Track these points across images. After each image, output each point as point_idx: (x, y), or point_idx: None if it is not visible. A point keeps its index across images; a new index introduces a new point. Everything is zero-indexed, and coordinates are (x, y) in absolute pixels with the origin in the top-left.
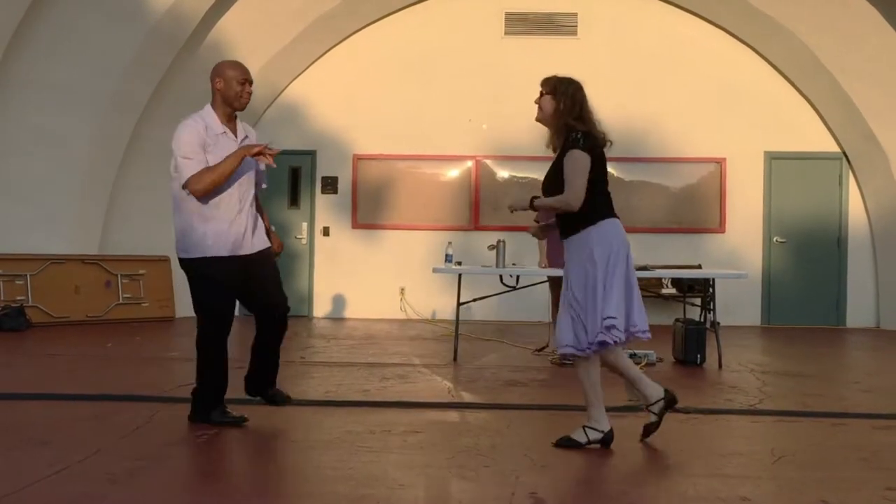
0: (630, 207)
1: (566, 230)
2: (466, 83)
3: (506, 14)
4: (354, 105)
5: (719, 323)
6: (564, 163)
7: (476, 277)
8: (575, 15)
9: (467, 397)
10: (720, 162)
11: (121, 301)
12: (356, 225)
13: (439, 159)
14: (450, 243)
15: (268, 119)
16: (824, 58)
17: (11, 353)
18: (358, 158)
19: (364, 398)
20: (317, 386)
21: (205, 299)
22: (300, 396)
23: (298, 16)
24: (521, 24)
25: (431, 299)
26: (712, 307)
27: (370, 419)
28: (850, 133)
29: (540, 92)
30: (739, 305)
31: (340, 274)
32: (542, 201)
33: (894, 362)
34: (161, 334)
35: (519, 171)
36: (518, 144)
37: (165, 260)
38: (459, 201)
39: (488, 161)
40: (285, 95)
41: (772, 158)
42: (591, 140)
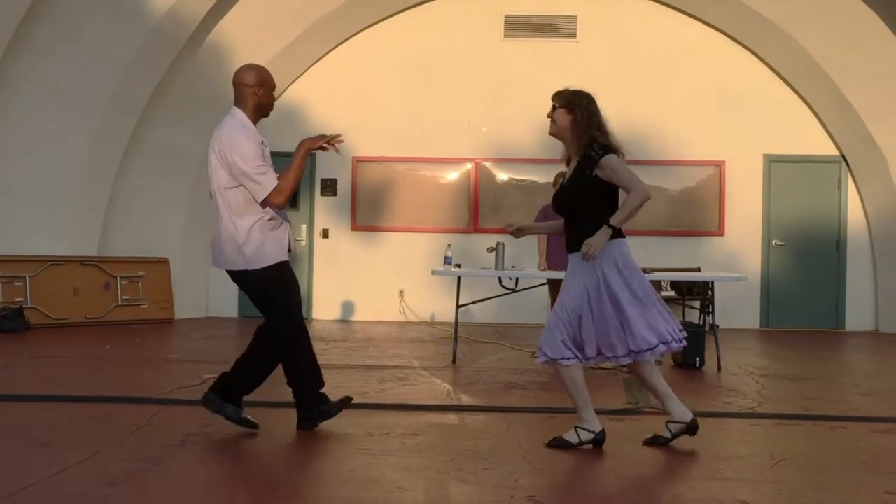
0: None
1: (573, 244)
2: (466, 85)
3: (505, 16)
4: (354, 107)
5: (718, 326)
6: (608, 170)
7: (475, 280)
8: (574, 18)
9: (466, 400)
10: (719, 165)
11: (120, 303)
12: (355, 227)
13: (439, 161)
14: (449, 245)
15: (267, 121)
16: (823, 61)
17: (10, 355)
18: (357, 160)
19: (363, 400)
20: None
21: (284, 302)
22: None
23: (298, 17)
24: (521, 27)
25: (430, 301)
26: (711, 310)
27: (369, 421)
28: (849, 136)
29: (553, 106)
30: (738, 308)
31: (339, 276)
32: (619, 215)
33: (893, 365)
34: (160, 336)
35: (518, 174)
36: (518, 147)
37: (164, 262)
38: (459, 204)
39: (488, 163)
40: (285, 97)
41: (771, 161)
42: (607, 149)
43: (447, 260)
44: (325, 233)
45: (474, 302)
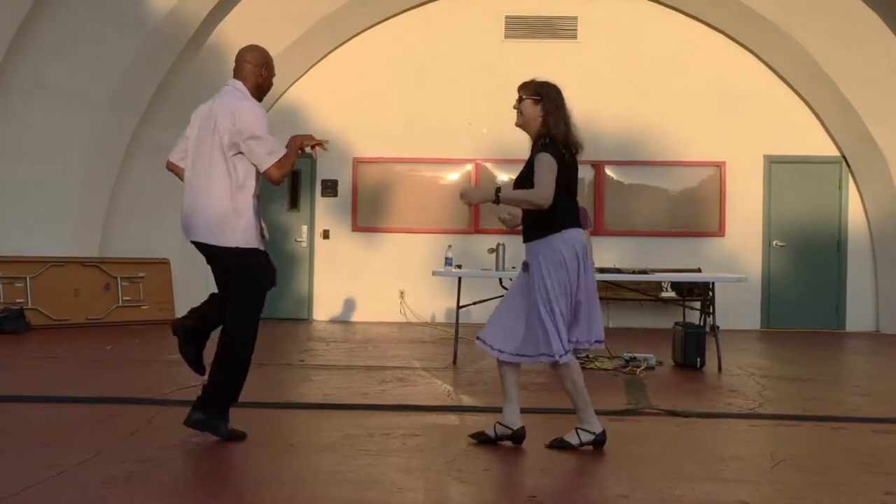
0: (629, 211)
1: (529, 234)
2: (466, 86)
3: (506, 17)
4: (354, 108)
5: (719, 327)
6: (535, 163)
7: (475, 281)
8: (575, 18)
9: (467, 401)
10: (720, 165)
11: (120, 303)
12: (356, 228)
13: (439, 162)
14: (449, 246)
15: (268, 121)
16: (824, 61)
17: (11, 356)
18: (358, 161)
19: (363, 401)
20: (316, 389)
21: (255, 296)
22: (299, 399)
23: (298, 19)
24: (522, 28)
25: (431, 302)
26: (712, 311)
27: (369, 422)
28: (850, 137)
29: (519, 97)
30: (739, 309)
31: (340, 277)
32: (509, 193)
33: (894, 366)
34: (161, 337)
35: None
36: (518, 148)
37: (165, 262)
38: (459, 204)
39: (488, 164)
40: (285, 98)
41: (771, 162)
42: (557, 146)
43: (448, 261)
44: (326, 234)
45: (475, 303)
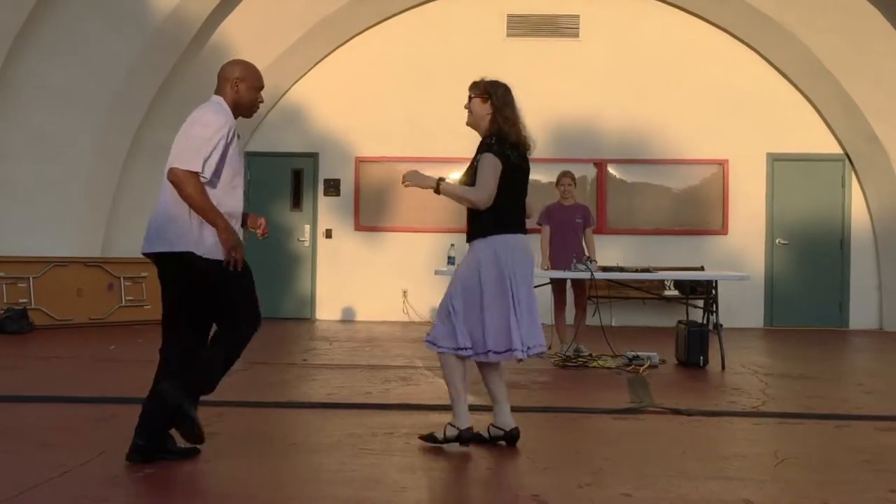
0: (632, 209)
1: (470, 232)
2: (466, 84)
3: (508, 16)
4: (356, 107)
5: (722, 325)
6: (479, 163)
7: None
8: (577, 17)
9: (470, 399)
10: (722, 164)
11: (123, 303)
12: (358, 227)
13: (441, 161)
14: (452, 245)
15: (270, 122)
16: (827, 59)
17: (14, 356)
18: (360, 161)
19: (366, 400)
20: (319, 388)
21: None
22: (302, 399)
23: (300, 19)
24: (523, 26)
25: (434, 301)
26: (715, 309)
27: (372, 422)
28: (853, 135)
29: (469, 96)
30: (742, 307)
31: (343, 276)
32: (450, 187)
33: None
34: None
35: None
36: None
37: None
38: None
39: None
40: (287, 98)
41: (774, 160)
42: (503, 147)
43: (450, 260)
44: (329, 233)
45: None
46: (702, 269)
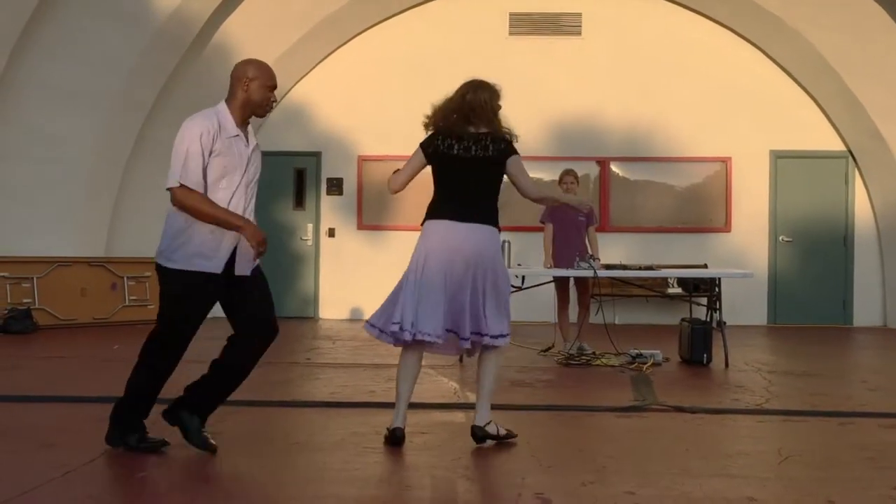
0: (635, 207)
1: (496, 219)
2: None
3: (510, 14)
4: (359, 106)
5: (725, 322)
6: (517, 164)
7: None
8: (579, 15)
9: (473, 398)
10: (726, 161)
11: (127, 303)
12: (361, 226)
13: None
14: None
15: (273, 121)
16: (830, 56)
17: (18, 356)
18: (363, 160)
19: (370, 399)
20: (322, 387)
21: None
22: (305, 398)
23: (303, 18)
24: (526, 25)
25: None
26: (718, 307)
27: (376, 420)
28: (856, 132)
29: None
30: (745, 305)
31: (346, 275)
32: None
33: None
34: None
35: None
36: (523, 144)
37: None
38: None
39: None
40: (290, 97)
41: (777, 157)
42: (431, 137)
43: None
44: (332, 232)
45: None
46: (705, 267)
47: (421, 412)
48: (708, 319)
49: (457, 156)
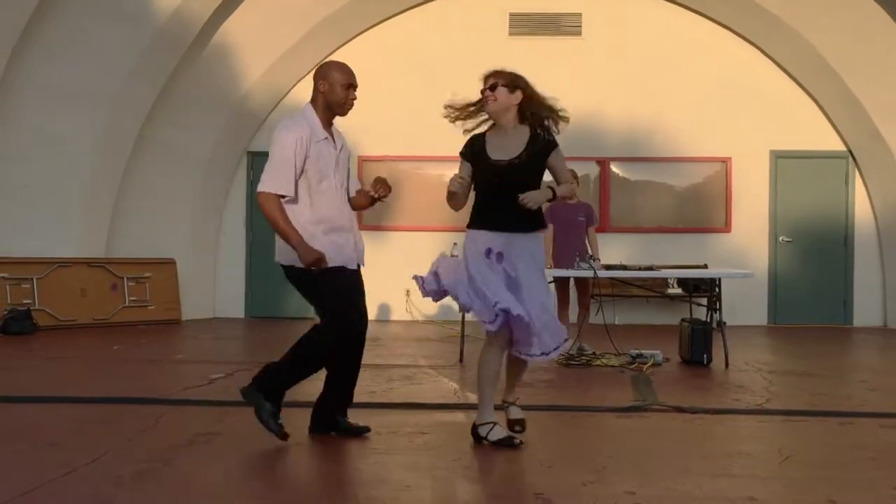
0: (635, 207)
1: (529, 225)
2: (471, 84)
3: (510, 15)
4: (359, 106)
5: (725, 322)
6: (554, 157)
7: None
8: (579, 15)
9: (473, 398)
10: (726, 161)
11: (127, 304)
12: (361, 226)
13: (444, 160)
14: (455, 244)
15: (272, 121)
16: (830, 57)
17: (18, 357)
18: (363, 160)
19: (370, 399)
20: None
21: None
22: (305, 398)
23: (303, 18)
24: (526, 25)
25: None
26: (718, 307)
27: (376, 420)
28: (857, 132)
29: (492, 84)
30: (746, 305)
31: None
32: (561, 189)
33: None
34: (167, 337)
35: None
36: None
37: (171, 262)
38: None
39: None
40: (290, 98)
41: (778, 157)
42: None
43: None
44: None
45: None
46: (705, 267)
47: (421, 412)
48: (708, 319)
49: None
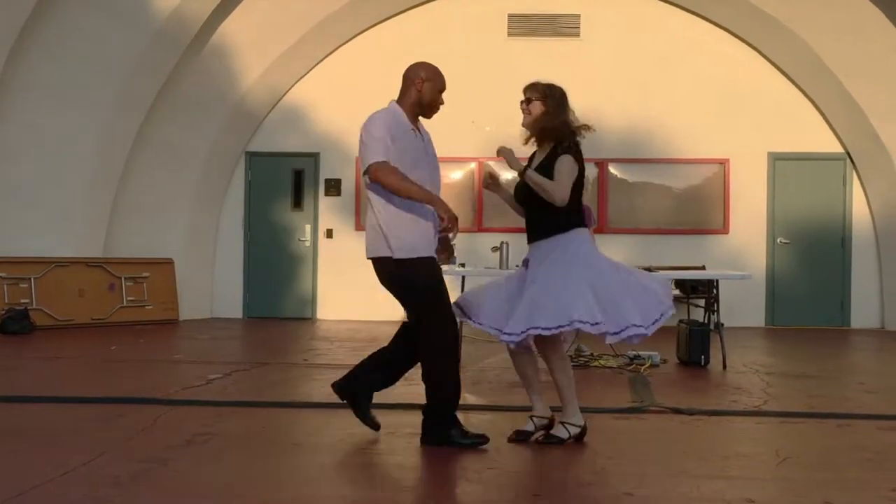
0: (634, 208)
1: (539, 233)
2: (469, 85)
3: (508, 16)
4: (357, 107)
5: (723, 324)
6: (558, 164)
7: (479, 279)
8: (578, 16)
9: (471, 399)
10: (724, 163)
11: (125, 304)
12: (359, 227)
13: (442, 161)
14: (453, 245)
15: (271, 122)
16: (828, 58)
17: (16, 356)
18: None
19: None
20: (320, 388)
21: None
22: (304, 398)
23: (301, 19)
24: (524, 26)
25: None
26: (716, 308)
27: None
28: (854, 133)
29: (528, 98)
30: (743, 306)
31: (344, 276)
32: (534, 175)
33: None
34: (165, 337)
35: None
36: (521, 146)
37: (169, 262)
38: (463, 203)
39: (492, 163)
40: (288, 98)
41: (775, 159)
42: (579, 152)
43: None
44: (330, 233)
45: None
46: (703, 269)
47: (419, 413)
48: (706, 321)
49: (584, 169)
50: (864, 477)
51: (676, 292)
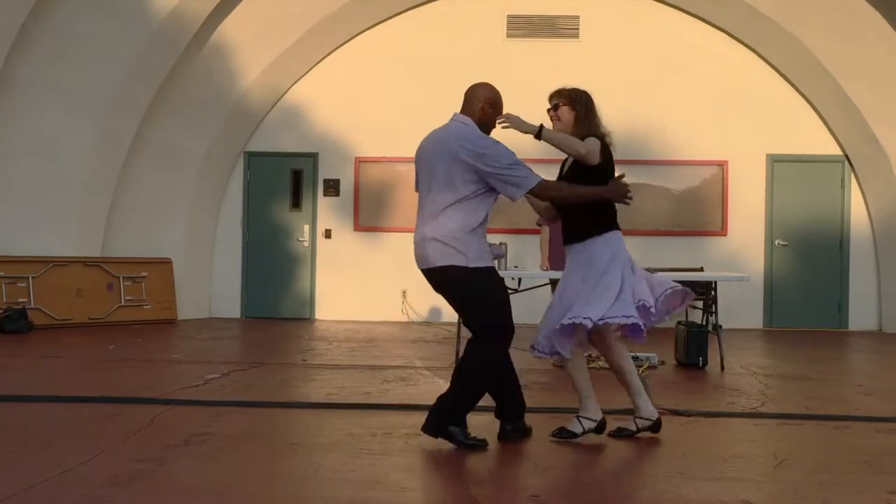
0: (632, 210)
1: (583, 232)
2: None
3: (508, 17)
4: (356, 108)
5: (721, 326)
6: (586, 142)
7: None
8: (577, 18)
9: None
10: (722, 164)
11: (123, 303)
12: (358, 227)
13: None
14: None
15: (270, 122)
16: (826, 60)
17: (13, 356)
18: (360, 161)
19: (365, 401)
20: (318, 388)
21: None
22: (301, 399)
23: (300, 19)
24: (523, 27)
25: (433, 302)
26: (714, 310)
27: (372, 422)
28: (852, 135)
29: (556, 104)
30: (741, 308)
31: (342, 276)
32: (553, 133)
33: None
34: (163, 337)
35: None
36: (520, 146)
37: (167, 262)
38: None
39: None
40: (287, 98)
41: (774, 161)
42: (608, 149)
43: None
44: (328, 233)
45: None
46: (701, 270)
47: (417, 414)
48: (704, 323)
49: (614, 167)
50: (862, 479)
51: None
